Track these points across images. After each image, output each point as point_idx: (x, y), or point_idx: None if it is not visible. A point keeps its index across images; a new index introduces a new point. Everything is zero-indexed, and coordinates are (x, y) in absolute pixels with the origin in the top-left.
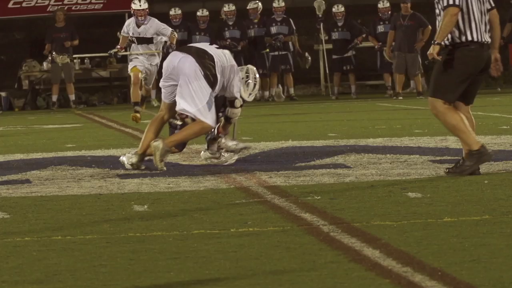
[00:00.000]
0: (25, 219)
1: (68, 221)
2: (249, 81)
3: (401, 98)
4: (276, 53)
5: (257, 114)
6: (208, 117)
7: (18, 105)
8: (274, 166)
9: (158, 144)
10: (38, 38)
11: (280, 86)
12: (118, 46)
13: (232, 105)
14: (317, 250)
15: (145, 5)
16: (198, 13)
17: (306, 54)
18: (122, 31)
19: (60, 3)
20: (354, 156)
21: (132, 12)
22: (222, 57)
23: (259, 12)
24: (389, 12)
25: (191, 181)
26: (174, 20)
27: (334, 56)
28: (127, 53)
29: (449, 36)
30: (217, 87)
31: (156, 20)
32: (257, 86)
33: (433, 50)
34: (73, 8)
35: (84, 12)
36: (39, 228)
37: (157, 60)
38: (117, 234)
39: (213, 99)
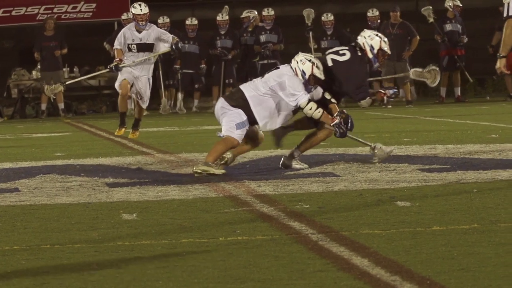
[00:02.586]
0: (13, 227)
1: (56, 230)
2: (300, 67)
3: (390, 106)
4: (265, 61)
5: None
6: (234, 133)
7: (7, 113)
8: (263, 174)
9: (203, 167)
10: (27, 46)
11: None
12: (117, 59)
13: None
14: (306, 259)
15: (146, 10)
16: (187, 22)
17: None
18: (115, 44)
19: (50, 11)
20: (343, 165)
21: (132, 17)
22: (257, 88)
23: (252, 20)
24: (378, 21)
25: (179, 190)
26: (163, 28)
27: None
28: (128, 63)
29: None
30: (259, 109)
31: (155, 26)
32: (313, 64)
33: (499, 64)
34: (62, 16)
35: (74, 21)
36: (28, 236)
37: (151, 72)
38: (105, 242)
39: (244, 122)
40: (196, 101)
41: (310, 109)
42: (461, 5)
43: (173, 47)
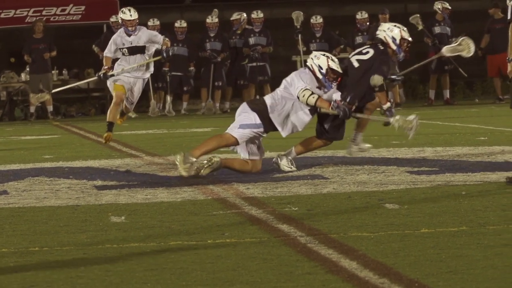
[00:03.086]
0: (2, 230)
1: (45, 232)
2: (315, 62)
3: (378, 109)
4: (254, 64)
5: None
6: (234, 131)
7: None
8: (251, 177)
9: (180, 158)
10: (16, 49)
11: (258, 97)
12: (106, 67)
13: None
14: (294, 261)
15: (135, 15)
16: (176, 24)
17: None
18: (105, 52)
19: (39, 14)
20: (332, 167)
21: (120, 22)
22: (275, 94)
23: (242, 23)
24: (367, 23)
25: (168, 192)
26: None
27: None
28: (117, 71)
29: None
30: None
31: (145, 27)
32: (328, 58)
33: (510, 68)
34: (51, 19)
35: (63, 23)
36: (16, 239)
37: (147, 74)
38: (94, 245)
39: (253, 124)
40: (185, 103)
41: (303, 96)
42: (450, 8)
43: (164, 55)
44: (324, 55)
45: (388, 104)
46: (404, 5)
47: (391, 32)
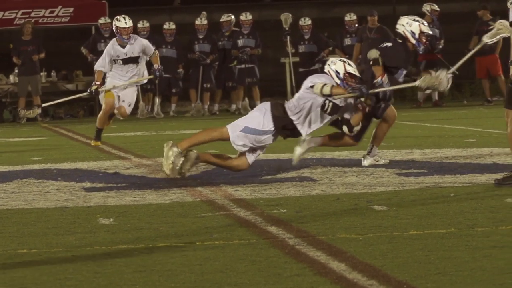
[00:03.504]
0: None
1: (33, 234)
2: (332, 67)
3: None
4: (243, 66)
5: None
6: (231, 130)
7: None
8: (240, 179)
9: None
10: (4, 51)
11: (246, 99)
12: (98, 82)
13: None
14: (283, 263)
15: (130, 23)
16: (165, 26)
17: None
18: (98, 66)
19: (27, 16)
20: (320, 169)
21: (115, 30)
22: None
23: (231, 25)
24: (356, 25)
25: (157, 194)
26: (142, 33)
27: (301, 69)
28: (108, 87)
29: None
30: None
31: (139, 37)
32: (344, 62)
33: None
34: (40, 21)
35: (51, 25)
36: (5, 241)
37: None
38: (82, 247)
39: (257, 130)
40: (174, 105)
41: (317, 88)
42: (438, 10)
43: (157, 74)
44: (340, 60)
45: (380, 79)
46: (392, 7)
47: (410, 26)
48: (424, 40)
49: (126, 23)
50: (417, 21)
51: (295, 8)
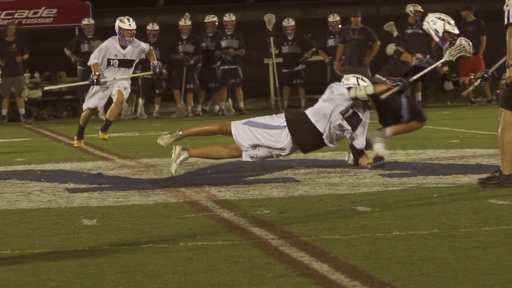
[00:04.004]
0: None
1: (16, 235)
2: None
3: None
4: (226, 67)
5: None
6: (236, 126)
7: None
8: (223, 180)
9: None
10: None
11: (230, 100)
12: (97, 73)
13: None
14: (266, 264)
15: (134, 25)
16: (148, 27)
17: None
18: (93, 58)
19: (11, 17)
20: (304, 170)
21: (118, 31)
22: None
23: (216, 26)
24: (339, 26)
25: (140, 195)
26: None
27: (284, 70)
28: (110, 79)
29: None
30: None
31: (137, 40)
32: (444, 21)
33: (509, 73)
34: (23, 22)
35: (35, 26)
36: None
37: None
38: (66, 248)
39: (269, 125)
40: (157, 106)
41: (360, 90)
42: (422, 10)
43: (157, 70)
44: (439, 18)
45: (415, 59)
46: (376, 7)
47: (434, 24)
48: (449, 40)
49: (130, 24)
50: (442, 19)
51: (278, 9)
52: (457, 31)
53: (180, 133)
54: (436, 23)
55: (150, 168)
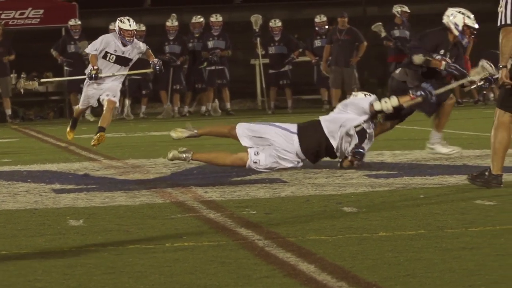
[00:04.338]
0: None
1: (3, 236)
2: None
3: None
4: (213, 67)
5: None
6: (242, 128)
7: None
8: (209, 180)
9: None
10: None
11: (216, 100)
12: (96, 67)
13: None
14: (252, 265)
15: (134, 26)
16: (116, 30)
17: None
18: (92, 49)
19: None
20: (290, 171)
21: (118, 31)
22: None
23: (202, 26)
24: (326, 26)
25: (126, 196)
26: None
27: (271, 71)
28: (108, 74)
29: None
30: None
31: (137, 41)
32: (463, 15)
33: (501, 75)
34: (10, 22)
35: (21, 27)
36: None
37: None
38: (52, 248)
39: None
40: (144, 107)
41: (385, 102)
42: (408, 11)
43: (157, 68)
44: (460, 12)
45: (443, 63)
46: (363, 8)
47: (454, 18)
48: (468, 34)
49: (130, 25)
50: (462, 13)
51: (265, 10)
52: (476, 26)
53: (195, 131)
54: (456, 17)
55: (137, 168)
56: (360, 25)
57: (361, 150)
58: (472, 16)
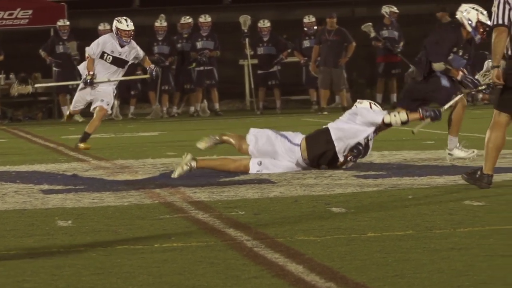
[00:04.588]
0: None
1: None
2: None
3: (326, 113)
4: (202, 68)
5: (181, 129)
6: (251, 137)
7: None
8: (198, 181)
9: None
10: None
11: (205, 101)
12: (92, 72)
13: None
14: (241, 265)
15: (132, 26)
16: (113, 30)
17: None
18: (90, 51)
19: None
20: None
21: (115, 32)
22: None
23: (191, 27)
24: (315, 27)
25: (115, 197)
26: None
27: (259, 71)
28: (103, 79)
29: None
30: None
31: (134, 43)
32: (478, 11)
33: (492, 75)
34: None
35: (10, 27)
36: None
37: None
38: (40, 249)
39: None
40: (132, 107)
41: (395, 116)
42: (397, 12)
43: (153, 74)
44: (473, 8)
45: (461, 74)
46: (351, 9)
47: (468, 14)
48: (481, 30)
49: (127, 25)
50: (476, 9)
51: (254, 10)
52: (489, 22)
53: (217, 137)
54: (470, 13)
55: (125, 169)
56: (349, 26)
57: (359, 147)
58: (485, 12)
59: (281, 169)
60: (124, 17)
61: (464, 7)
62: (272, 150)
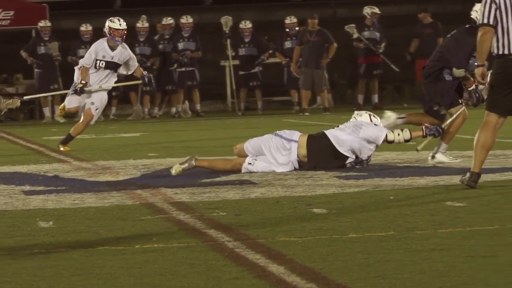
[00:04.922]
0: None
1: None
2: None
3: (307, 114)
4: (183, 69)
5: (163, 130)
6: (249, 145)
7: None
8: (179, 182)
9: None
10: None
11: (187, 102)
12: (84, 81)
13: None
14: (222, 266)
15: (124, 25)
16: (105, 30)
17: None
18: (84, 61)
19: None
20: (260, 172)
21: (108, 31)
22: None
23: (172, 28)
24: (296, 28)
25: (96, 198)
26: (85, 36)
27: (241, 72)
28: (95, 88)
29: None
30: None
31: (126, 45)
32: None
33: (477, 74)
34: None
35: None
36: None
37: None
38: (22, 250)
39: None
40: (114, 108)
41: (398, 135)
42: (379, 12)
43: (146, 80)
44: (366, 112)
45: (473, 86)
46: (333, 10)
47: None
48: None
49: (120, 24)
50: None
51: (235, 11)
52: None
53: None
54: None
55: (107, 170)
56: (330, 27)
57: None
58: None
59: (273, 167)
60: (117, 17)
61: (477, 6)
62: (267, 144)
